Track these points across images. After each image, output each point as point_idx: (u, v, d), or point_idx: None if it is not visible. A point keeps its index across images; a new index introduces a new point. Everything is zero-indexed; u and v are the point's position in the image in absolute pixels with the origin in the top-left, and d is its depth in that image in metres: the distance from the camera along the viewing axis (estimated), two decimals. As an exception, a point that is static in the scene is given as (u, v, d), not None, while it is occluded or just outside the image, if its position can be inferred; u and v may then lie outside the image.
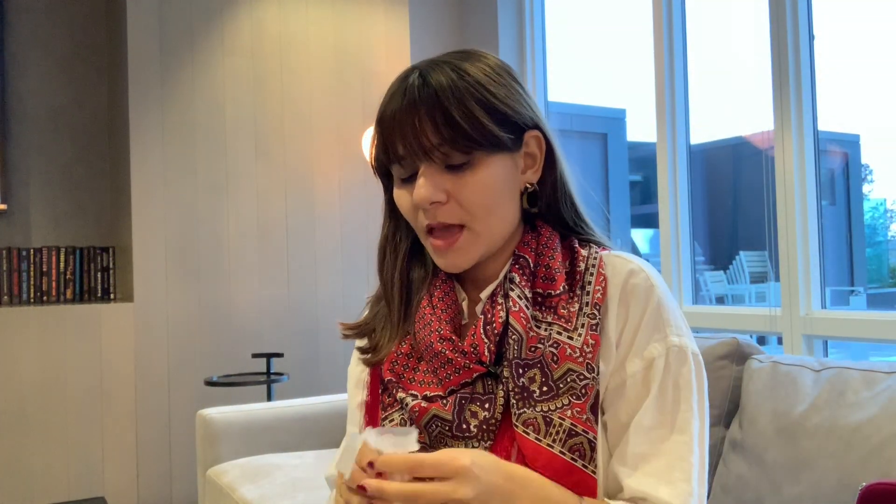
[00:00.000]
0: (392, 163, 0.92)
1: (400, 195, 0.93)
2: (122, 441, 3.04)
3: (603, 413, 0.90)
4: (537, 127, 0.95)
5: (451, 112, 0.87)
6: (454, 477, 0.75)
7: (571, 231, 0.99)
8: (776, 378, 1.67)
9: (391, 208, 0.99)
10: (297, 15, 3.40)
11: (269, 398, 2.98)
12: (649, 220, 3.02)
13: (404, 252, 1.00)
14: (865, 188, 5.28)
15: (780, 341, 2.42)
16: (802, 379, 1.63)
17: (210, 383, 2.93)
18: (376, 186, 1.02)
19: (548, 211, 0.98)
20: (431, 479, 0.75)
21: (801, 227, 2.38)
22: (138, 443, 3.06)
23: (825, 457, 1.48)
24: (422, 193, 0.88)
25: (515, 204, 0.95)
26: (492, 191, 0.90)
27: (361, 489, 0.74)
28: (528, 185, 0.95)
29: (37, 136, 3.47)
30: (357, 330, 1.02)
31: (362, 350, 1.00)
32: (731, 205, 7.01)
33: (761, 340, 2.70)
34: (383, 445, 0.76)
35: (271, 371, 3.07)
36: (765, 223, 2.49)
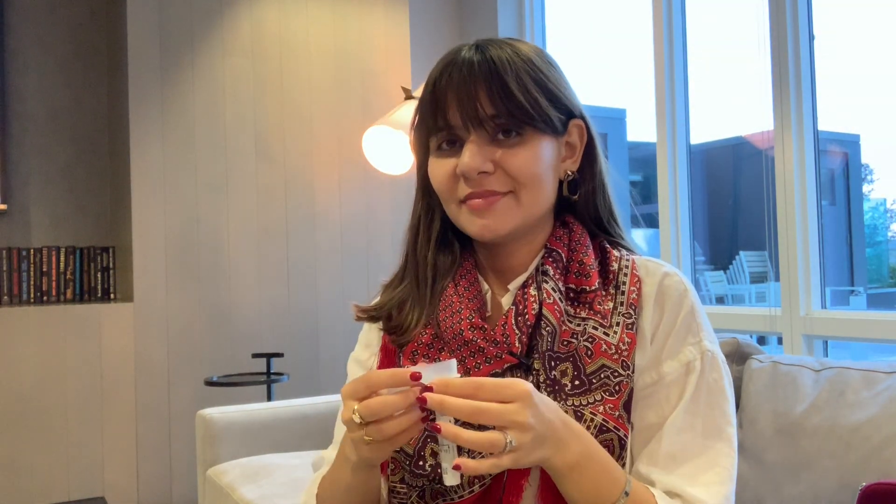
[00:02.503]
0: (439, 131, 0.91)
1: (438, 164, 0.92)
2: (122, 441, 3.04)
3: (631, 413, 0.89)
4: (582, 117, 0.95)
5: (509, 84, 0.86)
6: (515, 401, 0.72)
7: (603, 231, 0.98)
8: (776, 378, 1.67)
9: (425, 186, 0.98)
10: (297, 15, 3.40)
11: (269, 398, 2.98)
12: (649, 220, 3.01)
13: (437, 232, 0.98)
14: (865, 188, 5.28)
15: (780, 341, 2.42)
16: (802, 379, 1.63)
17: (210, 383, 2.93)
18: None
19: (583, 205, 0.97)
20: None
21: (801, 227, 2.38)
22: (138, 443, 3.05)
23: (825, 457, 1.48)
24: (470, 163, 0.87)
25: (554, 188, 0.94)
26: (539, 164, 0.89)
27: (421, 401, 0.72)
28: (568, 173, 0.95)
29: (37, 136, 3.47)
30: (371, 313, 1.00)
31: (389, 330, 0.97)
32: (731, 205, 7.01)
33: (761, 340, 2.70)
34: (425, 374, 0.73)
35: (271, 371, 3.07)
36: (765, 223, 2.49)
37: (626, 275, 0.92)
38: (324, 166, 3.39)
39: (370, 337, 1.04)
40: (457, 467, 0.72)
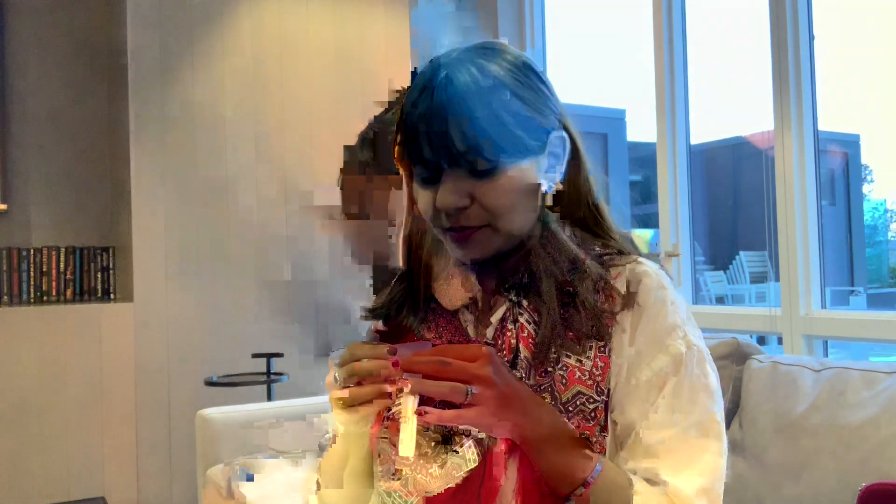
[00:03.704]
0: (415, 163, 0.91)
1: (420, 194, 0.93)
2: (122, 441, 3.04)
3: (612, 410, 0.90)
4: (563, 127, 0.95)
5: (479, 119, 0.86)
6: (478, 359, 0.81)
7: (589, 231, 0.98)
8: (776, 378, 1.67)
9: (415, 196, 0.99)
10: (297, 15, 3.40)
11: (269, 398, 2.98)
12: (649, 220, 3.02)
13: (430, 239, 1.00)
14: (865, 188, 5.29)
15: (780, 341, 2.42)
16: (802, 379, 1.63)
17: (210, 383, 2.93)
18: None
19: (570, 209, 0.98)
20: None
21: (801, 227, 2.38)
22: (138, 443, 3.05)
23: (825, 457, 1.48)
24: (447, 200, 0.88)
25: (537, 202, 0.94)
26: (515, 194, 0.90)
27: (395, 364, 0.81)
28: (552, 183, 0.95)
29: (37, 136, 3.47)
30: (376, 313, 1.04)
31: (389, 329, 1.02)
32: (731, 205, 7.00)
33: (761, 340, 2.70)
34: (401, 350, 0.84)
35: (271, 371, 3.07)
36: (765, 223, 2.49)
37: (607, 273, 0.93)
38: (324, 166, 3.39)
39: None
40: (419, 413, 0.80)
